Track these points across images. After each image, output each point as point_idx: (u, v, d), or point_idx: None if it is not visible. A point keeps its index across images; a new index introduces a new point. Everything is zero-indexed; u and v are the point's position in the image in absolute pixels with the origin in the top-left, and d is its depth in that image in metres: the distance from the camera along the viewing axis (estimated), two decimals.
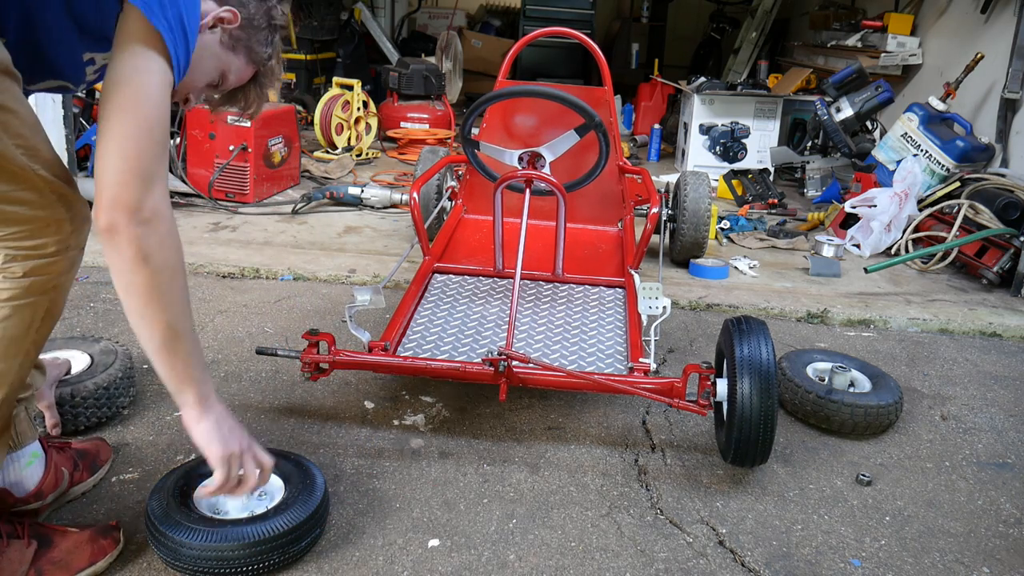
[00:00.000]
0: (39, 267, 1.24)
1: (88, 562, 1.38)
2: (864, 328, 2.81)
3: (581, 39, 3.12)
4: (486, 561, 1.50)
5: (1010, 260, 3.15)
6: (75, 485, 1.60)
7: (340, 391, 2.10)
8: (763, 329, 1.71)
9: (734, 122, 4.87)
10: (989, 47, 4.06)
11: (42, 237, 1.23)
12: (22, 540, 1.34)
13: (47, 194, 1.22)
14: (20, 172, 1.18)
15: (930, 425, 2.13)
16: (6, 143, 1.15)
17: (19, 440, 1.44)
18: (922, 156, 3.90)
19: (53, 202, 1.23)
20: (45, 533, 1.38)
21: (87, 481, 1.64)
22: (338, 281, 2.91)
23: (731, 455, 1.73)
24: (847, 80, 4.33)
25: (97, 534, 1.42)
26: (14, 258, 1.22)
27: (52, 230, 1.24)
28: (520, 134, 2.93)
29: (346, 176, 4.48)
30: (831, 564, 1.55)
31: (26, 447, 1.46)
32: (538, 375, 1.80)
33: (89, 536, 1.41)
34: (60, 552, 1.36)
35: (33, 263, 1.23)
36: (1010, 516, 1.75)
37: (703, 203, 3.05)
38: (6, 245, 1.21)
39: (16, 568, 1.30)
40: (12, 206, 1.19)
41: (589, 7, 6.93)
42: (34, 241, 1.22)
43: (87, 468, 1.64)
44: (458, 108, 6.56)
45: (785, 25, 7.26)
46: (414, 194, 2.49)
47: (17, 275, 1.22)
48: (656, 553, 1.54)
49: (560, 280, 2.47)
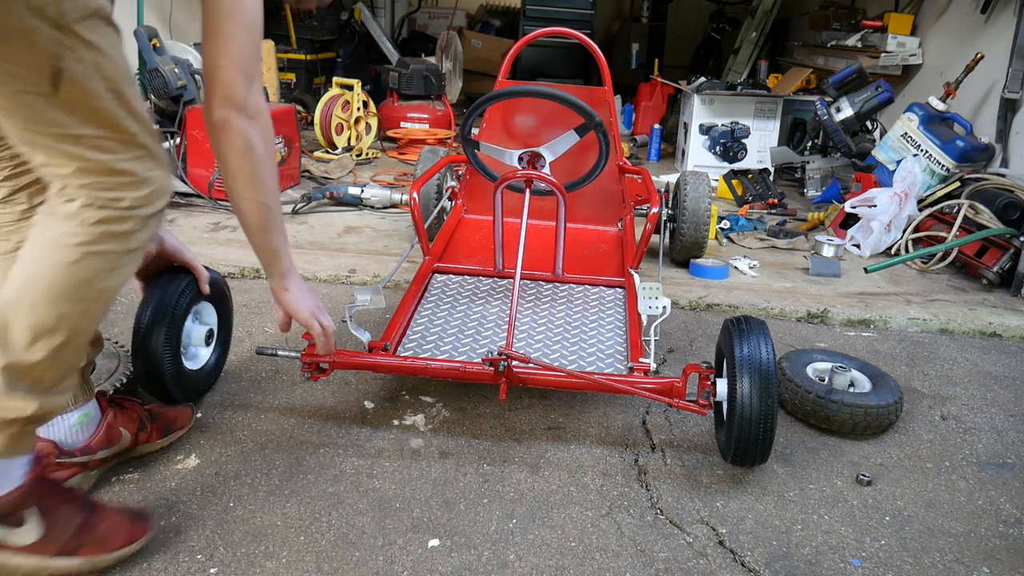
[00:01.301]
0: (112, 218, 1.24)
1: (122, 543, 1.40)
2: (864, 328, 2.81)
3: (581, 39, 3.12)
4: (486, 561, 1.50)
5: (1010, 260, 3.15)
6: (140, 444, 1.68)
7: (340, 391, 2.10)
8: (763, 329, 1.71)
9: (734, 122, 4.87)
10: (989, 47, 4.06)
11: (120, 191, 1.24)
12: (74, 505, 1.36)
13: (131, 147, 1.24)
14: (109, 119, 1.20)
15: (930, 425, 2.13)
16: (98, 85, 1.16)
17: (73, 400, 1.52)
18: (922, 156, 3.90)
19: (136, 157, 1.25)
20: (93, 505, 1.40)
21: (156, 443, 1.72)
22: (338, 281, 2.91)
23: (731, 455, 1.73)
24: (847, 80, 4.33)
25: (133, 517, 1.45)
26: (91, 204, 1.22)
27: (131, 187, 1.25)
28: (520, 134, 2.93)
29: (346, 176, 4.48)
30: (831, 564, 1.55)
31: (77, 408, 1.52)
32: (538, 375, 1.80)
33: (127, 517, 1.44)
34: (102, 528, 1.38)
35: (107, 212, 1.23)
36: (1010, 516, 1.75)
37: (703, 203, 3.05)
38: (85, 192, 1.22)
39: (63, 532, 1.32)
40: (96, 153, 1.20)
41: (589, 7, 6.93)
42: (112, 194, 1.23)
43: (158, 430, 1.72)
44: (458, 108, 6.57)
45: (785, 25, 7.26)
46: (414, 194, 2.49)
47: (90, 221, 1.23)
48: (656, 553, 1.54)
49: (560, 280, 2.47)
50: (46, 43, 1.10)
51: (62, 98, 1.14)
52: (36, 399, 1.25)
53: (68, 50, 1.12)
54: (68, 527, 1.33)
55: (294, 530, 1.54)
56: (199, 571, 1.42)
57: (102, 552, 1.37)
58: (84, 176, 1.21)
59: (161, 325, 1.75)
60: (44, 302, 1.21)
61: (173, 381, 1.81)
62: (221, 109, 1.38)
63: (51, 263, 1.22)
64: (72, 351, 1.28)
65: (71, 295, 1.23)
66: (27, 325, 1.21)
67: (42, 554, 1.30)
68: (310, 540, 1.52)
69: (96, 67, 1.16)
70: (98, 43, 1.16)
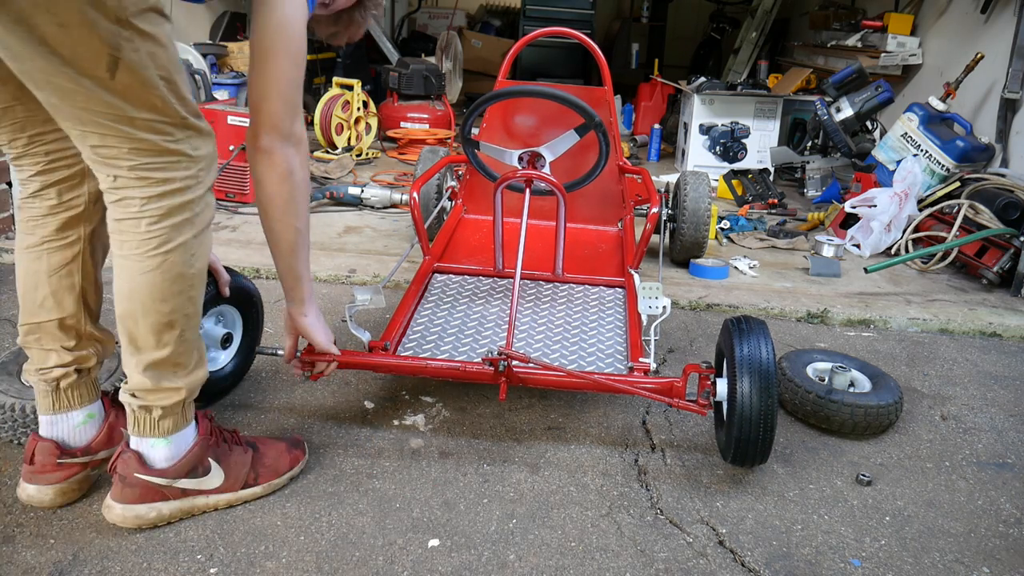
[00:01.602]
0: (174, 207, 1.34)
1: (289, 467, 1.67)
2: (864, 328, 2.81)
3: (581, 39, 3.12)
4: (486, 561, 1.50)
5: (1010, 260, 3.15)
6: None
7: (340, 391, 2.10)
8: (763, 328, 1.71)
9: (734, 122, 4.87)
10: (989, 47, 4.05)
11: (170, 171, 1.32)
12: (241, 447, 1.61)
13: (181, 128, 1.32)
14: (160, 104, 1.27)
15: (930, 425, 2.13)
16: (153, 73, 1.24)
17: (79, 401, 1.54)
18: (922, 156, 3.90)
19: (186, 137, 1.33)
20: (254, 442, 1.65)
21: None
22: (338, 281, 2.91)
23: (731, 455, 1.73)
24: (847, 80, 4.33)
25: (291, 445, 1.70)
26: (147, 198, 1.31)
27: (180, 166, 1.33)
28: (520, 134, 2.93)
29: (346, 176, 4.48)
30: (831, 564, 1.55)
31: (83, 408, 1.55)
32: (538, 375, 1.80)
33: (286, 446, 1.69)
34: (269, 458, 1.64)
35: (166, 203, 1.33)
36: (1010, 516, 1.75)
37: (703, 203, 3.05)
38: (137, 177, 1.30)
39: (241, 469, 1.58)
40: (148, 134, 1.28)
41: (589, 7, 6.93)
42: (163, 174, 1.32)
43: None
44: (458, 108, 6.56)
45: (785, 25, 7.26)
46: (414, 194, 2.49)
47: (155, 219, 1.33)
48: (656, 553, 1.54)
49: (560, 280, 2.47)
50: (105, 34, 1.17)
51: (118, 83, 1.21)
52: (183, 380, 1.45)
53: (126, 41, 1.19)
54: (243, 465, 1.59)
55: (294, 530, 1.54)
56: (199, 571, 1.42)
57: (276, 477, 1.64)
58: (137, 156, 1.28)
59: None
60: (152, 306, 1.37)
61: None
62: (267, 137, 1.46)
63: (142, 272, 1.35)
64: (192, 330, 1.45)
65: (171, 290, 1.37)
66: (148, 329, 1.38)
67: (231, 491, 1.57)
68: (310, 540, 1.52)
69: (151, 56, 1.23)
70: (154, 34, 1.23)
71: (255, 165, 1.50)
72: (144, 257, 1.34)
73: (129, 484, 1.45)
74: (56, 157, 1.43)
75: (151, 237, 1.33)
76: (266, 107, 1.45)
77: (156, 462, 1.47)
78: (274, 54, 1.42)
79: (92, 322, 1.54)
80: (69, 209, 1.46)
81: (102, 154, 1.28)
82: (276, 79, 1.44)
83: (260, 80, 1.44)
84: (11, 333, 2.30)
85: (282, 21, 1.41)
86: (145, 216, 1.32)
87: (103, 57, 1.18)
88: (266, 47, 1.42)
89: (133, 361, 1.41)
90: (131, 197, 1.31)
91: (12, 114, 1.39)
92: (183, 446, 1.49)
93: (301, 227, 1.57)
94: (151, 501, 1.47)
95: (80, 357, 1.53)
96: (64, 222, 1.46)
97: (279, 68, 1.43)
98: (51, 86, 1.20)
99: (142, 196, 1.31)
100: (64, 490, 1.53)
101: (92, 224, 1.50)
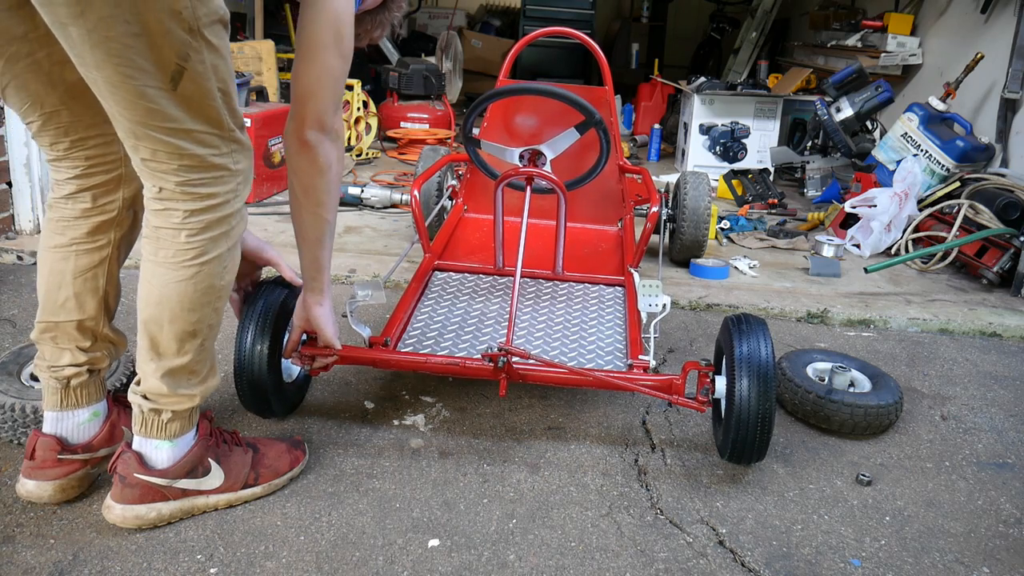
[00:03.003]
0: (213, 221, 1.36)
1: (289, 467, 1.67)
2: (864, 328, 2.80)
3: (581, 39, 3.12)
4: (486, 561, 1.49)
5: (1010, 260, 3.15)
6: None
7: (340, 391, 2.10)
8: (762, 327, 1.71)
9: (734, 122, 4.86)
10: (989, 47, 4.05)
11: (213, 186, 1.34)
12: (241, 447, 1.61)
13: (227, 142, 1.33)
14: (215, 116, 1.29)
15: (930, 425, 2.13)
16: (213, 85, 1.26)
17: (87, 399, 1.55)
18: (922, 156, 3.90)
19: (230, 151, 1.34)
20: (254, 443, 1.66)
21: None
22: (338, 281, 2.91)
23: (728, 452, 1.73)
24: (847, 80, 4.33)
25: (291, 445, 1.71)
26: (190, 211, 1.33)
27: (222, 181, 1.35)
28: (521, 132, 2.93)
29: (346, 176, 4.48)
30: (831, 564, 1.55)
31: (90, 406, 1.57)
32: (538, 371, 1.79)
33: (286, 447, 1.69)
34: (269, 458, 1.64)
35: (207, 217, 1.34)
36: (1010, 516, 1.75)
37: (703, 203, 3.05)
38: (182, 192, 1.31)
39: (241, 469, 1.58)
40: (198, 147, 1.29)
41: (589, 7, 6.93)
42: (206, 189, 1.33)
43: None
44: (458, 108, 6.56)
45: (785, 25, 7.26)
46: (415, 192, 2.49)
47: (195, 231, 1.34)
48: (656, 553, 1.54)
49: (560, 278, 2.47)
50: (176, 44, 1.18)
51: (180, 94, 1.22)
52: (197, 388, 1.46)
53: (194, 51, 1.21)
54: (243, 465, 1.59)
55: (294, 530, 1.54)
56: (199, 571, 1.42)
57: (276, 477, 1.64)
58: (185, 172, 1.30)
59: (263, 341, 1.75)
60: (180, 314, 1.38)
61: (275, 395, 1.82)
62: (311, 132, 1.46)
63: (176, 280, 1.36)
64: (211, 340, 1.46)
65: (199, 301, 1.39)
66: (171, 336, 1.39)
67: (231, 491, 1.57)
68: (310, 540, 1.52)
69: (214, 68, 1.25)
70: (218, 46, 1.25)
71: (294, 156, 1.50)
72: (180, 267, 1.35)
73: (129, 484, 1.45)
74: (96, 162, 1.44)
75: (189, 248, 1.34)
76: (312, 102, 1.44)
77: (157, 463, 1.47)
78: (324, 48, 1.41)
79: (108, 324, 1.55)
80: (103, 213, 1.47)
81: (152, 167, 1.29)
82: (324, 73, 1.43)
83: (308, 74, 1.43)
84: (11, 333, 2.30)
85: (333, 15, 1.39)
86: (186, 228, 1.33)
87: (170, 66, 1.19)
88: (316, 41, 1.41)
89: (152, 366, 1.41)
90: (174, 209, 1.32)
91: (57, 119, 1.39)
92: (185, 448, 1.50)
93: (331, 219, 1.60)
94: (151, 501, 1.47)
95: (94, 358, 1.53)
96: (96, 226, 1.47)
97: (328, 62, 1.42)
98: (114, 96, 1.20)
99: (185, 209, 1.32)
100: (64, 486, 1.53)
101: (123, 230, 1.51)
